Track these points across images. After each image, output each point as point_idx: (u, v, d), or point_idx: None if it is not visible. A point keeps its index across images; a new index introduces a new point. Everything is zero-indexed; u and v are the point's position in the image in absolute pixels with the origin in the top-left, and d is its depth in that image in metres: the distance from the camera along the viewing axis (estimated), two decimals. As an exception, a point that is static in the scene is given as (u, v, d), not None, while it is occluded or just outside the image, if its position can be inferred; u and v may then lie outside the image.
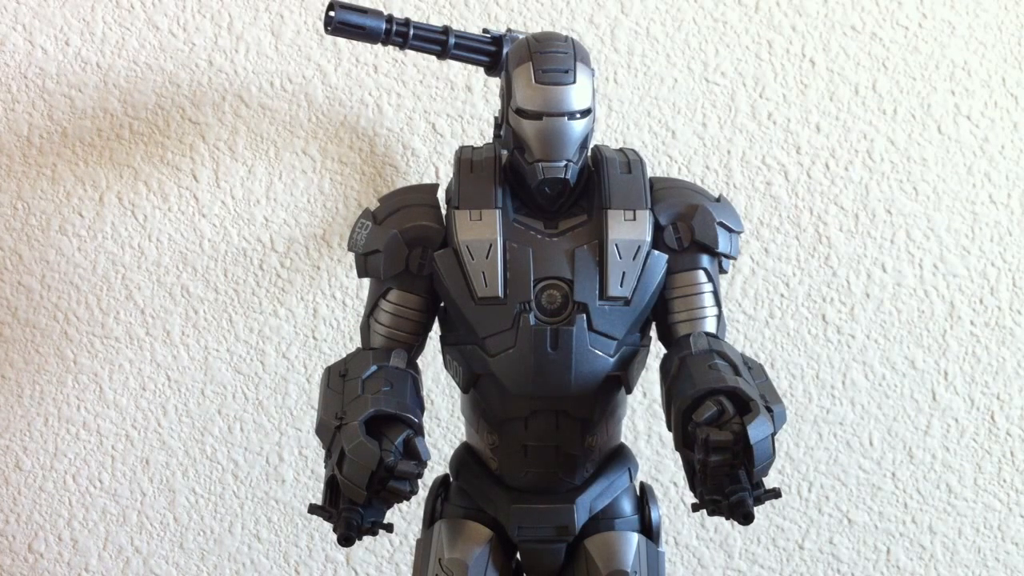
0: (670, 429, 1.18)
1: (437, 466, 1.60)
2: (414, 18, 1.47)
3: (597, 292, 1.22)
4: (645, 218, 1.23)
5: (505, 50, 1.43)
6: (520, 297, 1.21)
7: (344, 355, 1.29)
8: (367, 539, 1.69)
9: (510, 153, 1.24)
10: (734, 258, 1.28)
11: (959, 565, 1.74)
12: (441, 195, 1.28)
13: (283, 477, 1.71)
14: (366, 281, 1.31)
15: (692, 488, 1.15)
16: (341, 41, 1.61)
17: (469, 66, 1.56)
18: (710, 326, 1.25)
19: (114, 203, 1.65)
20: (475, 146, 1.29)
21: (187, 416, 1.69)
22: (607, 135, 1.64)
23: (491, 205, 1.23)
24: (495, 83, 1.62)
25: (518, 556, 1.28)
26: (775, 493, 1.13)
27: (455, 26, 1.51)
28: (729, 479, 1.12)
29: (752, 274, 1.68)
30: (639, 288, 1.22)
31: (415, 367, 1.26)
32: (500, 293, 1.21)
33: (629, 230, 1.23)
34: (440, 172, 1.65)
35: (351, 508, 1.15)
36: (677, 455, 1.19)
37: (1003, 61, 1.66)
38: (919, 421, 1.71)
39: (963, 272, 1.69)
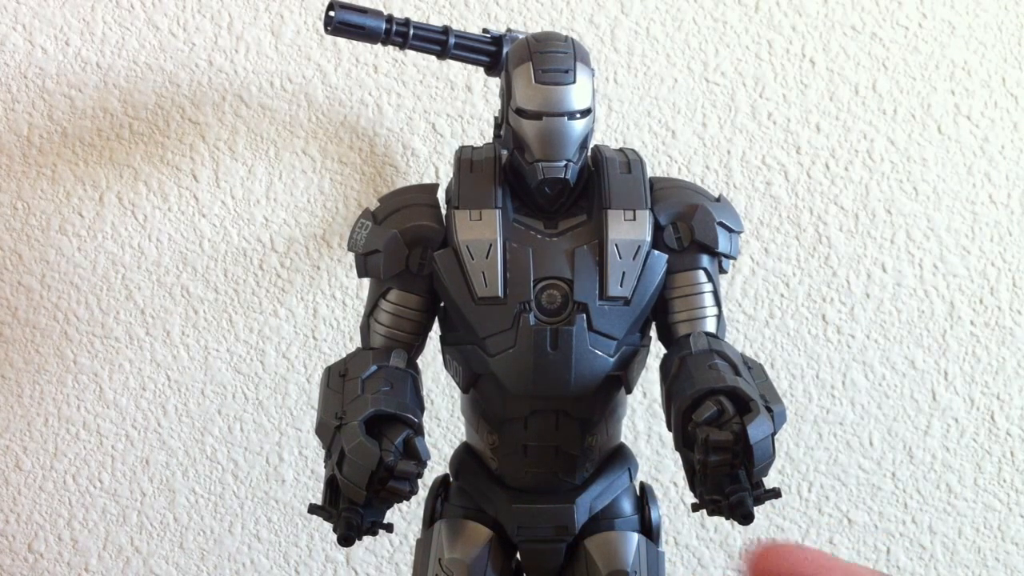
0: (670, 429, 1.18)
1: (437, 466, 1.60)
2: (414, 18, 1.47)
3: (597, 292, 1.22)
4: (645, 218, 1.23)
5: (505, 50, 1.43)
6: (520, 297, 1.21)
7: (344, 355, 1.29)
8: (367, 539, 1.69)
9: (510, 153, 1.24)
10: (734, 258, 1.28)
11: (959, 565, 1.74)
12: (441, 195, 1.28)
13: (283, 477, 1.71)
14: (366, 281, 1.31)
15: (692, 488, 1.15)
16: (341, 41, 1.61)
17: (469, 66, 1.56)
18: (710, 326, 1.25)
19: (114, 203, 1.65)
20: (475, 146, 1.29)
21: (187, 416, 1.69)
22: (607, 135, 1.64)
23: (491, 205, 1.23)
24: (495, 83, 1.62)
25: (518, 556, 1.29)
26: (775, 493, 1.13)
27: (455, 26, 1.51)
28: (729, 479, 1.12)
29: (752, 274, 1.68)
30: (639, 288, 1.23)
31: (415, 367, 1.26)
32: (500, 293, 1.21)
33: (629, 230, 1.23)
34: (440, 172, 1.65)
35: (351, 508, 1.15)
36: (677, 455, 1.19)
37: (1003, 61, 1.66)
38: (919, 421, 1.71)
39: (963, 272, 1.69)
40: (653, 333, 1.28)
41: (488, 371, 1.23)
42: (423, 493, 1.28)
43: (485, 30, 1.47)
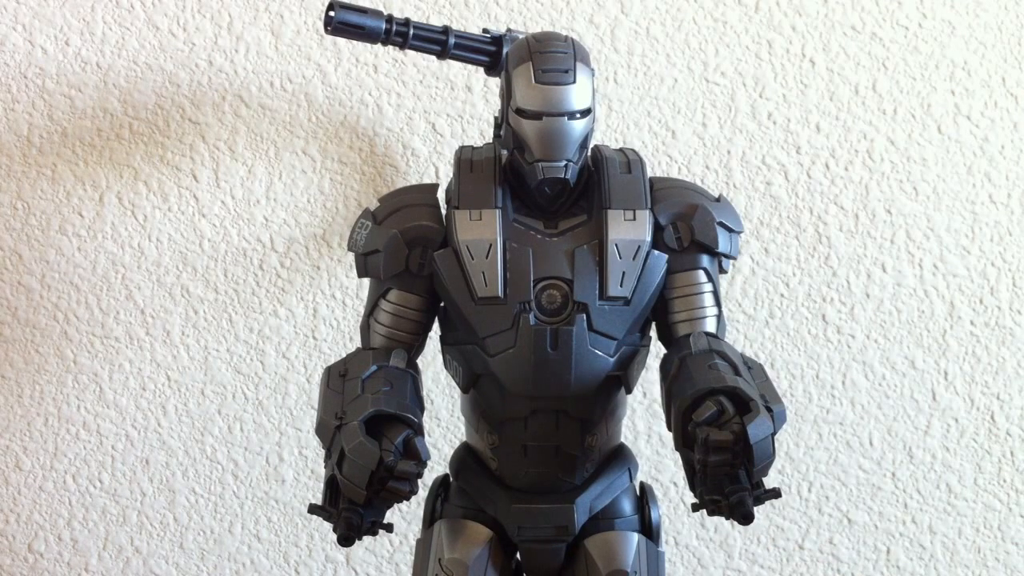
0: (670, 429, 1.18)
1: (437, 466, 1.60)
2: (414, 18, 1.47)
3: (597, 292, 1.22)
4: (645, 218, 1.24)
5: (505, 50, 1.43)
6: (520, 297, 1.21)
7: (344, 355, 1.29)
8: (367, 539, 1.69)
9: (510, 153, 1.24)
10: (734, 258, 1.28)
11: (959, 565, 1.74)
12: (441, 195, 1.28)
13: (283, 477, 1.71)
14: (366, 281, 1.31)
15: (692, 488, 1.15)
16: (341, 41, 1.61)
17: (469, 66, 1.56)
18: (710, 326, 1.25)
19: (114, 203, 1.65)
20: (475, 146, 1.29)
21: (187, 416, 1.69)
22: (607, 135, 1.64)
23: (491, 205, 1.23)
24: (495, 83, 1.62)
25: (518, 556, 1.29)
26: (775, 493, 1.13)
27: (455, 26, 1.51)
28: (729, 479, 1.12)
29: (752, 274, 1.68)
30: (639, 288, 1.23)
31: (415, 367, 1.26)
32: (500, 293, 1.21)
33: (629, 230, 1.23)
34: (440, 172, 1.65)
35: (351, 508, 1.15)
36: (677, 455, 1.19)
37: (1003, 61, 1.66)
38: (919, 421, 1.72)
39: (963, 272, 1.69)
40: (653, 333, 1.28)
41: (488, 371, 1.23)
42: (423, 493, 1.28)
43: (485, 30, 1.47)
